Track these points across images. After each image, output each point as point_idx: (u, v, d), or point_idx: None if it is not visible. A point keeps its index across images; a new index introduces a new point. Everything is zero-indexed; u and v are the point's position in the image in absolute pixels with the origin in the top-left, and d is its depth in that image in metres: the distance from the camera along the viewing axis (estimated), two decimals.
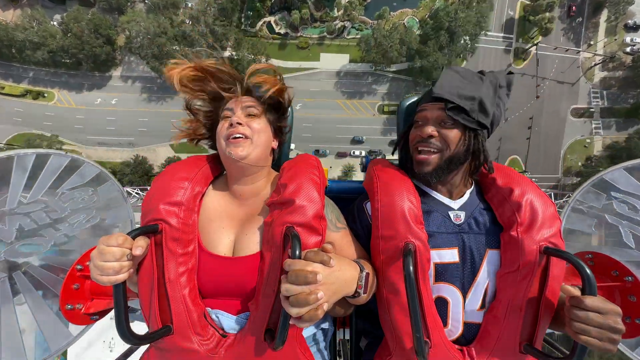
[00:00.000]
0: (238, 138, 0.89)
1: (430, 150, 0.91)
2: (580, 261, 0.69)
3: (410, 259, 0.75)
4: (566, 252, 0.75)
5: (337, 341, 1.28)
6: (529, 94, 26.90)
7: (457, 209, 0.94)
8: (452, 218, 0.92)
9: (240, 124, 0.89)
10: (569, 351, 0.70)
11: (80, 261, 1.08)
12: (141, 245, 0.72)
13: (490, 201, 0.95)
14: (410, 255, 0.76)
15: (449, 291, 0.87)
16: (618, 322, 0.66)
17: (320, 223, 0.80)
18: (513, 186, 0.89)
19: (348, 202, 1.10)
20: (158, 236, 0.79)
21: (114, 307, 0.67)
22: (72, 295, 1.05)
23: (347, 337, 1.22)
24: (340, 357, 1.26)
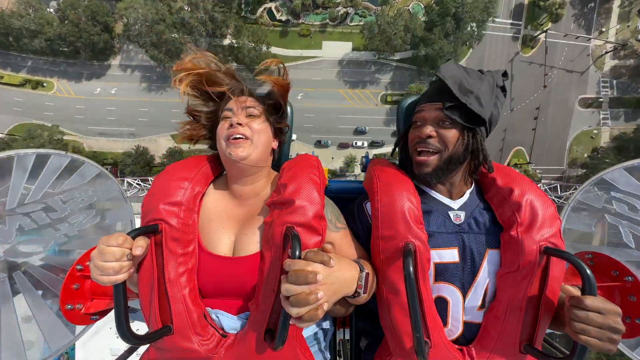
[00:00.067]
0: (238, 139, 0.88)
1: (429, 151, 0.91)
2: (580, 261, 0.69)
3: (410, 259, 0.75)
4: (566, 252, 0.75)
5: (337, 341, 1.29)
6: (537, 83, 26.14)
7: (457, 209, 0.94)
8: (452, 218, 0.92)
9: (240, 125, 0.89)
10: (569, 351, 0.70)
11: (80, 261, 1.09)
12: (141, 245, 0.72)
13: (490, 201, 0.95)
14: (410, 255, 0.76)
15: (449, 291, 0.88)
16: (618, 322, 0.66)
17: (320, 223, 0.80)
18: (513, 186, 0.89)
19: (348, 202, 1.10)
20: (158, 236, 0.79)
21: (114, 307, 0.67)
22: (72, 295, 1.05)
23: (347, 337, 1.23)
24: (340, 357, 1.28)
